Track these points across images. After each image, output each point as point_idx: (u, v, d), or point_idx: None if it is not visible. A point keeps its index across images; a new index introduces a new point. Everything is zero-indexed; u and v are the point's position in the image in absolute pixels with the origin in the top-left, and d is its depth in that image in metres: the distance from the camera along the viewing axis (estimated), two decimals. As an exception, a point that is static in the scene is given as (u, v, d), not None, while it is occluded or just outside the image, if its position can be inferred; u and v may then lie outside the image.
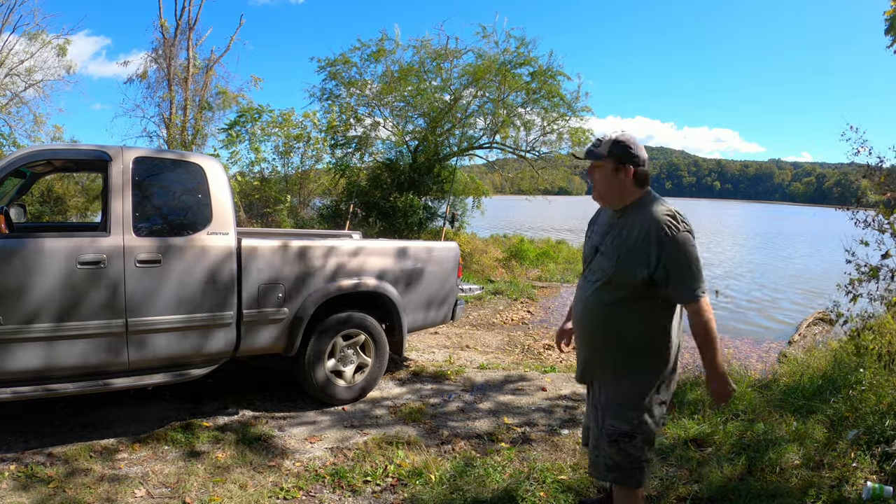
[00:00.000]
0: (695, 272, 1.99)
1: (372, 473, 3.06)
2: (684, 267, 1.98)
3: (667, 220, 2.00)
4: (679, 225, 2.00)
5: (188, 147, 13.61)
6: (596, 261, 2.18)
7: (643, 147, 2.12)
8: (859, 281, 4.28)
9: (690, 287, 1.99)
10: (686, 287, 1.99)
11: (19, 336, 3.02)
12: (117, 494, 2.78)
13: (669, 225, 1.99)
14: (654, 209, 2.05)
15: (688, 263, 1.99)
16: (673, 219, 2.00)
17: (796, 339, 7.49)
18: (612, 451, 2.12)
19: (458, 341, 6.60)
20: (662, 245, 1.98)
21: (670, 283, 2.00)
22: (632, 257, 2.03)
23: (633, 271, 2.02)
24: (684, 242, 1.98)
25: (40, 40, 15.70)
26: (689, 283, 1.99)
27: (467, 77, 12.71)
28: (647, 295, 2.05)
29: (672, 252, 1.98)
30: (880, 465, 3.09)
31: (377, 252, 4.21)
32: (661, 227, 1.99)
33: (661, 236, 1.98)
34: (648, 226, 2.01)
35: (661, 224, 2.00)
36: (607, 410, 2.14)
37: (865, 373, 3.82)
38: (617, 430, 2.10)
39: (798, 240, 32.15)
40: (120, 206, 3.30)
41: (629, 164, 2.09)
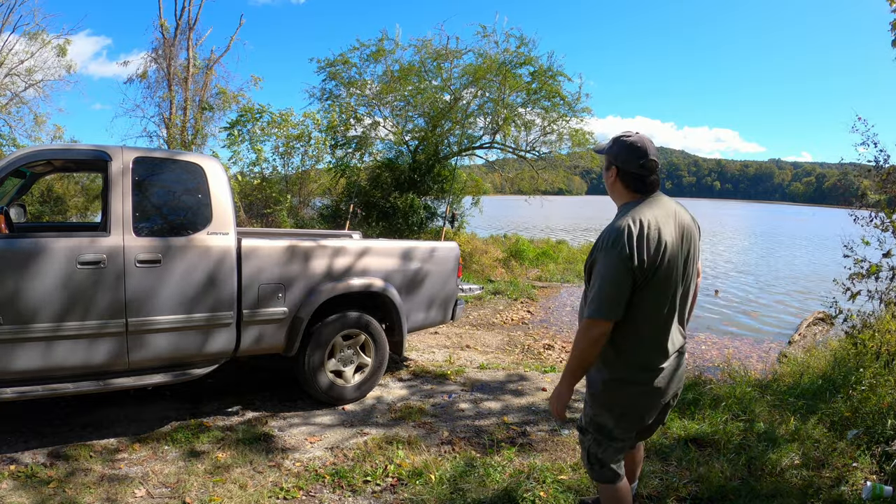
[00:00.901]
0: (597, 292, 1.89)
1: (372, 473, 3.06)
2: (595, 282, 1.92)
3: (612, 231, 1.92)
4: (617, 241, 1.88)
5: (188, 147, 13.61)
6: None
7: (647, 150, 1.98)
8: (858, 276, 4.28)
9: (590, 303, 1.92)
10: (589, 298, 1.94)
11: (19, 336, 3.02)
12: (117, 494, 2.79)
13: (608, 238, 1.91)
14: (617, 219, 1.96)
15: (598, 280, 1.90)
16: (616, 233, 1.90)
17: (796, 339, 7.49)
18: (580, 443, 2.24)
19: (458, 341, 6.60)
20: (595, 250, 1.97)
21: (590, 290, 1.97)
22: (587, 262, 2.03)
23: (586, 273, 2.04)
24: (604, 260, 1.90)
25: (40, 40, 15.71)
26: (591, 296, 1.93)
27: (467, 77, 12.71)
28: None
29: (594, 263, 1.95)
30: (880, 465, 3.10)
31: (377, 252, 4.21)
32: (601, 237, 1.96)
33: (596, 245, 1.97)
34: (602, 232, 1.99)
35: (604, 233, 1.95)
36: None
37: (865, 372, 3.83)
38: (578, 423, 2.21)
39: (798, 239, 32.16)
40: (120, 206, 3.30)
41: (614, 164, 2.03)
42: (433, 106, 13.01)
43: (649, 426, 2.24)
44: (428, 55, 13.02)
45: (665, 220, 1.96)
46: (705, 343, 7.48)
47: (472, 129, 13.97)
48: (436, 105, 13.03)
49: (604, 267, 1.89)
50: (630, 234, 1.88)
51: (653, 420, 2.17)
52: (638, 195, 2.01)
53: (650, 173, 2.00)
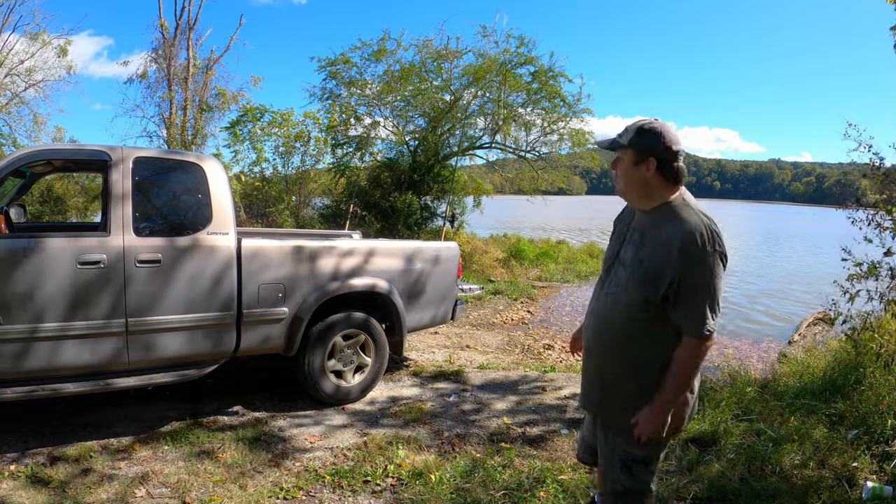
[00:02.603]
0: (708, 304, 1.69)
1: (372, 474, 3.06)
2: (699, 294, 1.69)
3: (698, 233, 1.69)
4: (711, 244, 1.69)
5: (188, 147, 13.61)
6: (615, 270, 1.89)
7: (678, 138, 1.77)
8: (857, 277, 4.29)
9: (697, 319, 1.70)
10: (692, 317, 1.70)
11: (19, 336, 3.02)
12: (117, 494, 2.79)
13: (699, 241, 1.68)
14: (686, 217, 1.73)
15: (704, 291, 1.69)
16: (707, 234, 1.69)
17: (796, 339, 7.49)
18: (624, 477, 1.91)
19: (458, 341, 6.60)
20: (684, 261, 1.68)
21: (678, 307, 1.72)
22: (651, 272, 1.74)
23: (651, 288, 1.73)
24: (711, 266, 1.68)
25: (41, 40, 15.71)
26: (697, 314, 1.69)
27: (468, 77, 12.71)
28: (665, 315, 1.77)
29: (691, 273, 1.68)
30: (880, 465, 3.10)
31: (377, 252, 4.21)
32: (689, 241, 1.68)
33: (685, 251, 1.68)
34: (675, 236, 1.71)
35: (690, 237, 1.69)
36: (619, 436, 1.91)
37: (865, 372, 3.83)
38: (630, 455, 1.89)
39: (797, 239, 32.16)
40: (120, 206, 3.30)
41: (652, 156, 1.75)
42: (433, 106, 13.01)
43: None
44: (428, 55, 13.03)
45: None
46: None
47: (472, 130, 13.98)
48: (436, 105, 13.03)
49: (710, 274, 1.68)
50: (719, 232, 1.73)
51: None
52: (678, 187, 1.80)
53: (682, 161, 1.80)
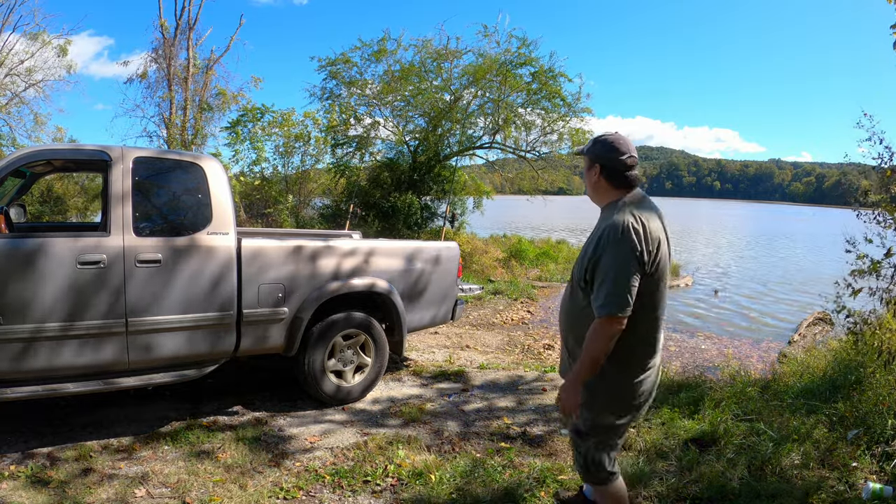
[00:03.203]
0: (611, 288, 1.87)
1: (372, 474, 3.06)
2: (605, 278, 1.89)
3: (616, 226, 1.91)
4: (625, 235, 1.89)
5: (188, 147, 13.61)
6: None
7: (628, 147, 2.04)
8: (860, 272, 4.29)
9: (601, 299, 1.89)
10: (598, 297, 1.90)
11: (19, 336, 3.02)
12: (117, 494, 2.79)
13: (613, 233, 1.90)
14: (616, 215, 1.96)
15: (609, 275, 1.88)
16: (623, 228, 1.90)
17: (796, 339, 7.49)
18: (574, 448, 2.19)
19: (458, 341, 6.60)
20: (598, 248, 1.93)
21: (592, 288, 1.94)
22: (581, 259, 2.03)
23: (579, 271, 2.02)
24: (614, 255, 1.88)
25: (41, 40, 15.72)
26: (602, 294, 1.89)
27: (468, 77, 12.71)
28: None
29: (602, 256, 1.91)
30: (880, 465, 3.10)
31: (377, 252, 4.21)
32: (603, 234, 1.93)
33: (599, 243, 1.93)
34: (601, 227, 1.98)
35: (606, 230, 1.93)
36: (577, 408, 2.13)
37: (865, 372, 3.82)
38: (576, 428, 2.12)
39: (797, 239, 32.17)
40: (120, 206, 3.30)
41: (598, 162, 2.06)
42: (433, 106, 13.01)
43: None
44: (428, 55, 13.02)
45: (652, 216, 2.00)
46: (705, 343, 7.47)
47: (472, 130, 13.98)
48: (436, 105, 13.03)
49: (615, 261, 1.88)
50: (635, 228, 1.90)
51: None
52: (622, 191, 2.05)
53: (630, 168, 2.05)
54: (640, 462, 3.11)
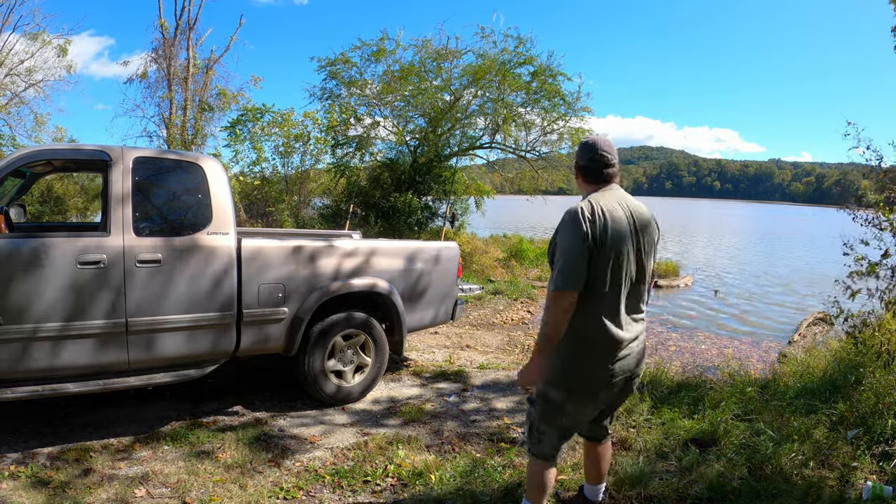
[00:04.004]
0: (561, 266, 2.07)
1: (372, 473, 3.06)
2: (559, 258, 2.11)
3: (569, 213, 2.13)
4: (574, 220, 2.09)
5: (188, 147, 13.61)
6: None
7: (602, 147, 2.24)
8: (858, 274, 4.30)
9: (556, 277, 2.09)
10: (552, 275, 2.12)
11: (19, 336, 3.02)
12: (117, 494, 2.79)
13: (567, 219, 2.12)
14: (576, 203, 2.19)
15: (561, 256, 2.10)
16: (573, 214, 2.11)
17: (796, 339, 7.49)
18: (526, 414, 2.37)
19: (458, 341, 6.60)
20: (556, 233, 2.17)
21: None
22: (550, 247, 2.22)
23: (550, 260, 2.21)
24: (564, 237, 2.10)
25: (41, 40, 15.72)
26: (554, 272, 2.10)
27: (467, 77, 12.71)
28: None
29: (555, 239, 2.16)
30: (880, 465, 3.10)
31: (377, 252, 4.21)
32: (563, 217, 2.15)
33: (557, 228, 2.16)
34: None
35: (565, 214, 2.15)
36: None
37: (865, 372, 3.83)
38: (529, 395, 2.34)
39: (797, 239, 32.17)
40: (120, 206, 3.30)
41: (578, 163, 2.30)
42: (433, 106, 13.00)
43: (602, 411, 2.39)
44: (428, 55, 13.02)
45: (614, 205, 2.17)
46: (705, 343, 7.48)
47: (472, 130, 13.97)
48: (436, 105, 13.03)
49: (565, 243, 2.09)
50: (583, 213, 2.10)
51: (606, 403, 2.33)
52: (595, 186, 2.25)
53: (602, 166, 2.24)
54: (640, 462, 3.11)
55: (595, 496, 2.70)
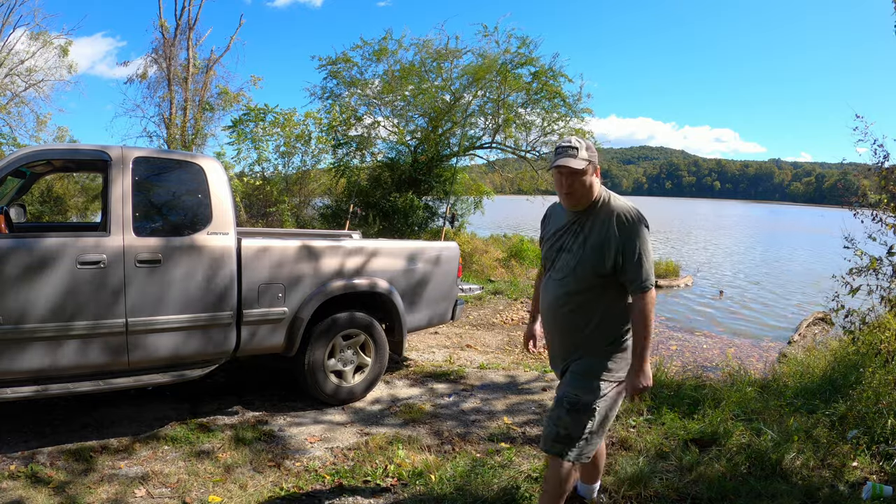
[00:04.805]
0: (644, 263, 2.12)
1: (372, 473, 3.06)
2: (637, 256, 2.11)
3: (632, 211, 2.17)
4: (637, 216, 2.15)
5: (188, 147, 13.62)
6: (561, 259, 2.28)
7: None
8: (858, 270, 4.30)
9: (639, 277, 2.12)
10: (635, 276, 2.12)
11: (19, 336, 3.02)
12: (117, 494, 2.79)
13: (633, 217, 2.15)
14: (615, 203, 2.21)
15: (640, 253, 2.11)
16: (638, 212, 2.17)
17: (796, 339, 7.50)
18: (568, 419, 2.19)
19: (458, 341, 6.60)
20: (622, 234, 2.13)
21: (625, 270, 2.13)
22: (597, 251, 2.15)
23: (600, 261, 2.15)
24: (640, 233, 2.13)
25: (42, 40, 15.72)
26: (638, 272, 2.12)
27: (468, 77, 12.71)
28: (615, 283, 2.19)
29: (627, 241, 2.13)
30: (880, 465, 3.10)
31: (377, 252, 4.21)
32: (622, 218, 2.15)
33: (622, 225, 2.14)
34: (612, 218, 2.17)
35: (622, 215, 2.16)
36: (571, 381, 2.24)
37: (864, 372, 3.83)
38: (580, 399, 2.19)
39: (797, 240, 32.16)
40: (120, 206, 3.30)
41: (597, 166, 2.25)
42: (434, 106, 13.00)
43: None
44: (428, 55, 13.01)
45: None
46: (706, 343, 7.48)
47: (472, 130, 13.96)
48: (436, 105, 13.03)
49: (641, 241, 2.13)
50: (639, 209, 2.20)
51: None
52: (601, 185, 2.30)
53: None
54: (640, 462, 3.10)
55: (590, 495, 2.70)
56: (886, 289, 4.35)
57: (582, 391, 2.19)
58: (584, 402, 2.17)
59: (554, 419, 2.23)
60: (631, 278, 2.13)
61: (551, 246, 2.34)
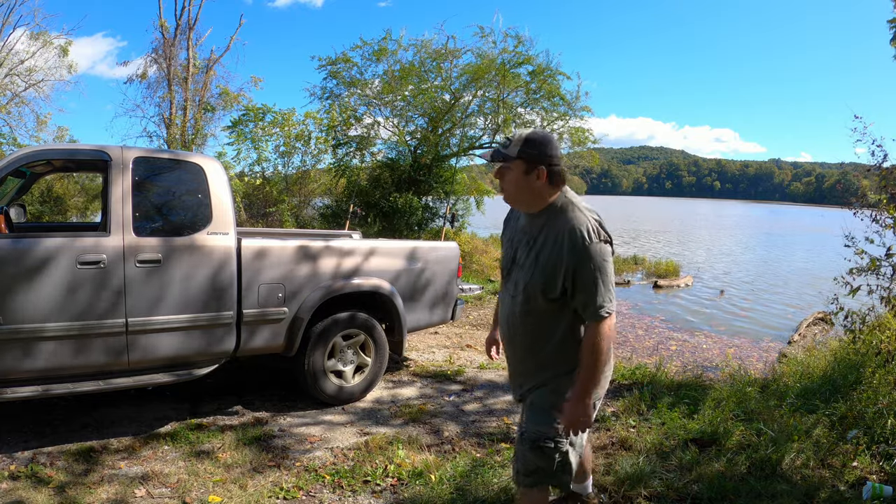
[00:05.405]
0: (601, 288, 1.82)
1: (372, 473, 3.06)
2: (592, 281, 1.81)
3: (584, 225, 1.83)
4: (600, 231, 1.84)
5: (188, 147, 13.61)
6: (514, 272, 2.01)
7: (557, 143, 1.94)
8: (859, 270, 4.30)
9: (592, 303, 1.82)
10: (587, 303, 1.83)
11: (19, 336, 3.02)
12: (117, 494, 2.79)
13: (586, 232, 1.82)
14: (571, 215, 1.87)
15: (596, 278, 1.81)
16: (594, 225, 1.85)
17: (796, 339, 7.50)
18: (532, 455, 1.95)
19: (458, 341, 6.60)
20: (573, 255, 1.82)
21: (576, 295, 1.85)
22: (547, 269, 1.87)
23: (550, 284, 1.86)
24: (597, 254, 1.81)
25: (42, 40, 15.72)
26: (590, 299, 1.82)
27: (467, 77, 12.71)
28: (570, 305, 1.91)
29: (580, 264, 1.81)
30: (880, 465, 3.10)
31: (377, 252, 4.21)
32: (575, 235, 1.82)
33: (574, 244, 1.82)
34: (564, 233, 1.84)
35: (575, 231, 1.83)
36: (531, 416, 2.00)
37: (864, 372, 3.83)
38: (542, 434, 1.94)
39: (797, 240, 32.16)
40: (120, 206, 3.30)
41: (542, 164, 1.87)
42: (433, 106, 13.00)
43: None
44: (428, 55, 13.01)
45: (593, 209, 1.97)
46: (706, 343, 7.48)
47: (472, 130, 13.96)
48: (436, 105, 13.03)
49: (597, 263, 1.81)
50: (601, 222, 1.90)
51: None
52: (559, 188, 1.93)
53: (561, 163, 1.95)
54: (640, 462, 3.10)
55: (584, 492, 2.69)
56: (887, 288, 4.35)
57: (544, 426, 1.94)
58: (547, 438, 1.93)
59: (520, 456, 2.01)
60: (583, 305, 1.85)
61: (506, 254, 2.09)
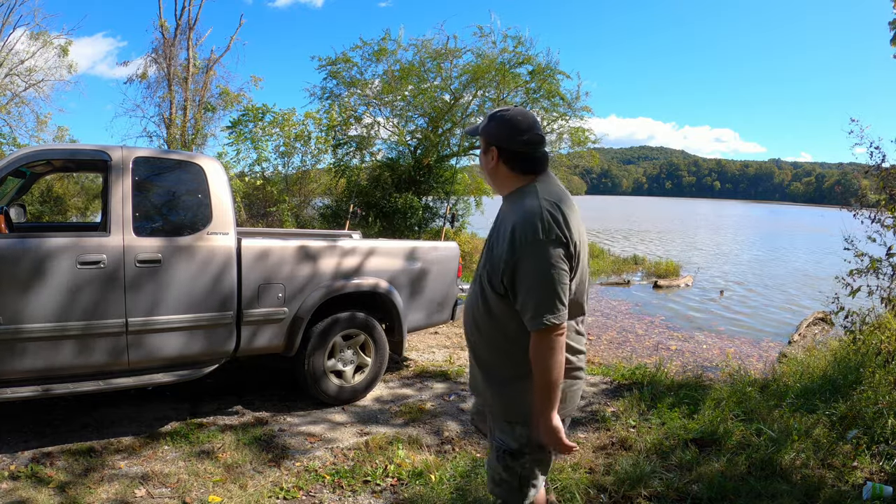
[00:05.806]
0: (540, 293, 1.56)
1: (372, 473, 3.06)
2: (531, 283, 1.58)
3: (531, 219, 1.59)
4: (548, 228, 1.58)
5: (188, 147, 13.62)
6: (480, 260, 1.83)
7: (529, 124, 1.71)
8: (859, 272, 4.30)
9: (528, 309, 1.58)
10: (524, 308, 1.60)
11: (19, 336, 3.02)
12: (117, 494, 2.79)
13: (531, 228, 1.58)
14: (526, 204, 1.64)
15: (535, 280, 1.57)
16: (541, 220, 1.58)
17: (796, 339, 7.49)
18: (499, 466, 1.79)
19: (459, 341, 6.60)
20: (513, 250, 1.60)
21: (516, 297, 1.62)
22: (494, 261, 1.68)
23: (494, 278, 1.67)
24: (541, 254, 1.56)
25: (42, 40, 15.73)
26: (530, 304, 1.58)
27: (467, 76, 12.72)
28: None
29: (519, 261, 1.59)
30: (880, 466, 3.10)
31: (377, 252, 4.21)
32: (518, 228, 1.60)
33: (513, 238, 1.60)
34: (512, 225, 1.63)
35: (519, 224, 1.60)
36: (495, 423, 1.82)
37: (864, 372, 3.83)
38: (504, 445, 1.77)
39: (797, 240, 32.17)
40: (120, 206, 3.30)
41: (493, 145, 1.72)
42: (433, 106, 13.01)
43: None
44: (428, 55, 13.02)
45: (568, 200, 1.70)
46: (706, 343, 7.48)
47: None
48: (436, 105, 13.03)
49: (541, 261, 1.56)
50: (554, 217, 1.60)
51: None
52: (529, 177, 1.72)
53: (535, 149, 1.72)
54: (641, 462, 3.11)
55: None
56: (887, 289, 4.35)
57: (507, 436, 1.77)
58: (511, 450, 1.76)
59: (489, 464, 1.87)
60: (521, 309, 1.61)
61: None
